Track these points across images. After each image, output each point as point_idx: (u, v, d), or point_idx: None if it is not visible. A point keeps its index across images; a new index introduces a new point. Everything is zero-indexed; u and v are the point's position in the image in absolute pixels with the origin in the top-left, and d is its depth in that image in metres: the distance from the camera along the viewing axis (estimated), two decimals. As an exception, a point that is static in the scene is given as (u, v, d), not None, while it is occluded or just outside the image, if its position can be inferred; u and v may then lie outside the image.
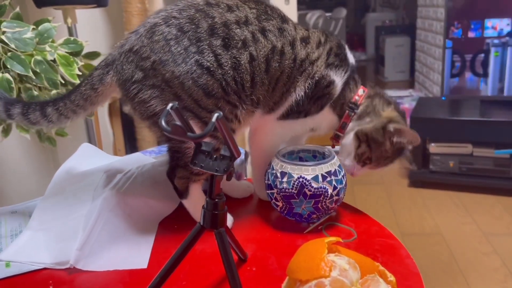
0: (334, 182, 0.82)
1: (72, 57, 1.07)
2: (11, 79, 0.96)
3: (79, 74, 1.07)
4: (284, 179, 0.82)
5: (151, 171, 0.91)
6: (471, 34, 2.51)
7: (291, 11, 2.21)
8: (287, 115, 0.88)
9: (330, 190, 0.81)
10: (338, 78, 0.88)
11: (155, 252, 0.80)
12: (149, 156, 1.09)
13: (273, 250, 0.79)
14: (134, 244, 0.81)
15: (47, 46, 1.03)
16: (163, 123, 0.50)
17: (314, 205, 0.82)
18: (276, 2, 2.17)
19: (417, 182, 2.59)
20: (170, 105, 0.54)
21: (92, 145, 1.12)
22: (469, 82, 2.62)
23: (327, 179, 0.81)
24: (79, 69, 1.10)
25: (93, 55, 1.26)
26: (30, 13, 1.54)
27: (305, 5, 5.95)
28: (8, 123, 1.08)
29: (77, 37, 1.49)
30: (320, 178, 0.81)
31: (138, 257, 0.77)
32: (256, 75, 0.80)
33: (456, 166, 2.51)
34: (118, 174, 0.90)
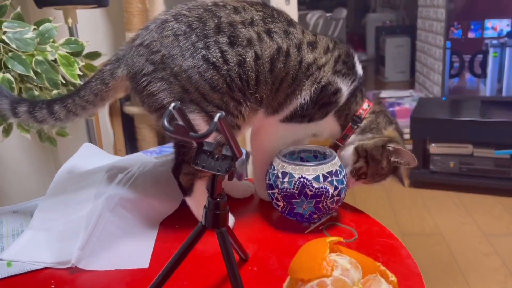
0: (335, 182, 0.82)
1: (73, 57, 1.07)
2: (12, 79, 0.96)
3: (80, 74, 1.07)
4: (285, 179, 0.82)
5: (153, 171, 0.91)
6: (471, 35, 2.51)
7: (292, 12, 2.21)
8: (291, 118, 0.88)
9: (331, 190, 0.81)
10: (345, 87, 0.88)
11: (156, 252, 0.80)
12: (150, 156, 1.09)
13: (274, 250, 0.79)
14: (135, 243, 0.81)
15: (48, 46, 1.03)
16: (166, 123, 0.51)
17: (315, 205, 0.82)
18: (276, 2, 2.17)
19: (417, 182, 2.60)
20: (173, 105, 0.54)
21: (93, 145, 1.12)
22: (469, 83, 2.63)
23: (328, 179, 0.81)
24: (80, 69, 1.10)
25: (94, 55, 1.26)
26: (31, 13, 1.54)
27: (305, 5, 5.95)
28: (9, 123, 1.08)
29: (77, 37, 1.49)
30: (321, 178, 0.81)
31: (139, 256, 0.77)
32: (260, 74, 0.81)
33: (456, 167, 2.51)
34: (119, 174, 0.90)
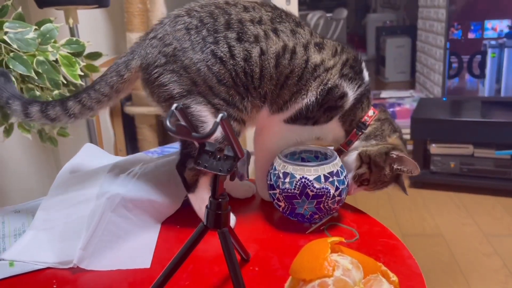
0: (336, 183, 0.82)
1: (74, 57, 1.07)
2: (14, 80, 0.96)
3: (81, 74, 1.07)
4: (286, 180, 0.82)
5: (154, 171, 0.91)
6: (471, 35, 2.51)
7: (292, 12, 2.21)
8: (296, 120, 0.89)
9: (332, 191, 0.81)
10: (351, 92, 0.89)
11: (158, 252, 0.80)
12: (151, 156, 1.09)
13: (275, 250, 0.80)
14: (137, 243, 0.81)
15: (49, 46, 1.03)
16: (168, 123, 0.51)
17: (316, 205, 0.82)
18: (277, 2, 2.17)
19: (417, 182, 2.59)
20: (175, 105, 0.54)
21: (95, 145, 1.12)
22: (469, 83, 2.62)
23: (329, 180, 0.81)
24: (81, 69, 1.10)
25: (95, 56, 1.26)
26: (32, 13, 1.55)
27: (306, 5, 5.95)
28: (10, 123, 1.08)
29: (78, 37, 1.50)
30: (322, 179, 0.81)
31: (141, 257, 0.78)
32: (264, 68, 0.83)
33: (457, 167, 2.51)
34: (121, 174, 0.90)
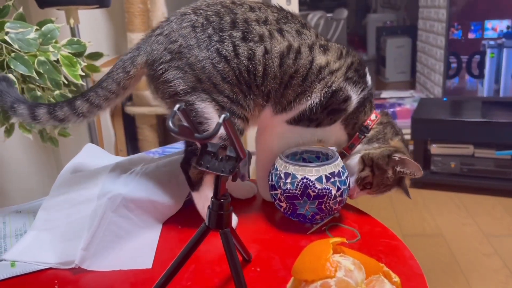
0: (337, 183, 0.82)
1: (75, 57, 1.07)
2: (15, 80, 0.96)
3: (82, 74, 1.07)
4: (288, 180, 0.82)
5: (156, 172, 0.91)
6: (471, 35, 2.51)
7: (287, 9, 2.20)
8: (299, 121, 0.89)
9: (333, 191, 0.81)
10: (354, 95, 0.89)
11: (159, 252, 0.80)
12: (152, 156, 1.09)
13: (277, 251, 0.80)
14: (138, 244, 0.81)
15: (51, 46, 1.03)
16: (171, 124, 0.51)
17: (317, 206, 0.82)
18: (278, 2, 2.17)
19: (418, 183, 2.59)
20: (177, 106, 0.54)
21: (96, 145, 1.12)
22: (469, 83, 2.62)
23: (331, 180, 0.81)
24: (82, 69, 1.10)
25: (95, 56, 1.26)
26: (33, 13, 1.55)
27: (306, 5, 5.94)
28: (11, 123, 1.08)
29: (79, 37, 1.50)
30: (323, 179, 0.81)
31: (142, 257, 0.78)
32: (268, 67, 0.83)
33: (457, 167, 2.51)
34: (122, 174, 0.90)
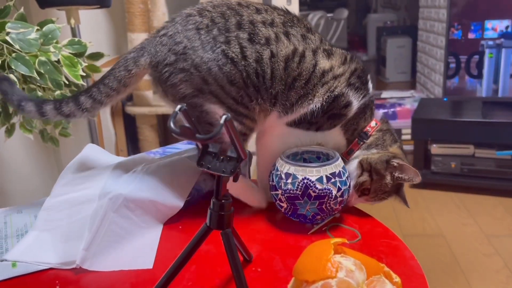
0: (338, 184, 0.82)
1: (76, 58, 1.07)
2: (16, 80, 0.96)
3: (83, 75, 1.07)
4: (288, 180, 0.82)
5: (157, 172, 0.91)
6: (471, 35, 2.51)
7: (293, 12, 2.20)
8: (299, 124, 0.89)
9: (334, 192, 0.81)
10: (355, 101, 0.89)
11: (160, 252, 0.80)
12: (153, 156, 1.09)
13: (278, 251, 0.80)
14: (139, 244, 0.81)
15: (51, 47, 1.03)
16: (172, 125, 0.51)
17: (318, 206, 0.82)
18: (278, 2, 2.17)
19: (418, 183, 2.59)
20: (179, 107, 0.54)
21: (97, 145, 1.12)
22: (469, 84, 2.62)
23: (332, 181, 0.81)
24: (83, 70, 1.10)
25: (96, 56, 1.26)
26: (34, 14, 1.55)
27: (306, 5, 5.95)
28: (12, 123, 1.09)
29: (80, 37, 1.50)
30: (324, 180, 0.81)
31: (143, 257, 0.78)
32: (275, 70, 0.83)
33: (457, 167, 2.51)
34: (123, 174, 0.90)
